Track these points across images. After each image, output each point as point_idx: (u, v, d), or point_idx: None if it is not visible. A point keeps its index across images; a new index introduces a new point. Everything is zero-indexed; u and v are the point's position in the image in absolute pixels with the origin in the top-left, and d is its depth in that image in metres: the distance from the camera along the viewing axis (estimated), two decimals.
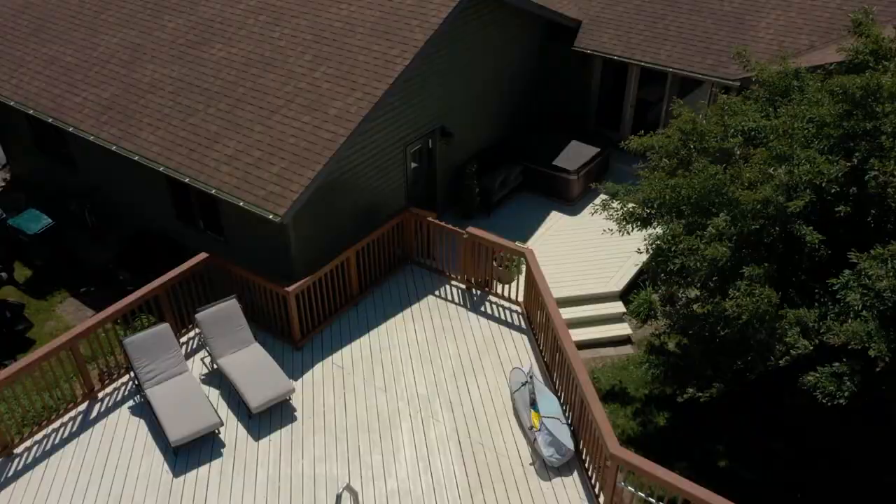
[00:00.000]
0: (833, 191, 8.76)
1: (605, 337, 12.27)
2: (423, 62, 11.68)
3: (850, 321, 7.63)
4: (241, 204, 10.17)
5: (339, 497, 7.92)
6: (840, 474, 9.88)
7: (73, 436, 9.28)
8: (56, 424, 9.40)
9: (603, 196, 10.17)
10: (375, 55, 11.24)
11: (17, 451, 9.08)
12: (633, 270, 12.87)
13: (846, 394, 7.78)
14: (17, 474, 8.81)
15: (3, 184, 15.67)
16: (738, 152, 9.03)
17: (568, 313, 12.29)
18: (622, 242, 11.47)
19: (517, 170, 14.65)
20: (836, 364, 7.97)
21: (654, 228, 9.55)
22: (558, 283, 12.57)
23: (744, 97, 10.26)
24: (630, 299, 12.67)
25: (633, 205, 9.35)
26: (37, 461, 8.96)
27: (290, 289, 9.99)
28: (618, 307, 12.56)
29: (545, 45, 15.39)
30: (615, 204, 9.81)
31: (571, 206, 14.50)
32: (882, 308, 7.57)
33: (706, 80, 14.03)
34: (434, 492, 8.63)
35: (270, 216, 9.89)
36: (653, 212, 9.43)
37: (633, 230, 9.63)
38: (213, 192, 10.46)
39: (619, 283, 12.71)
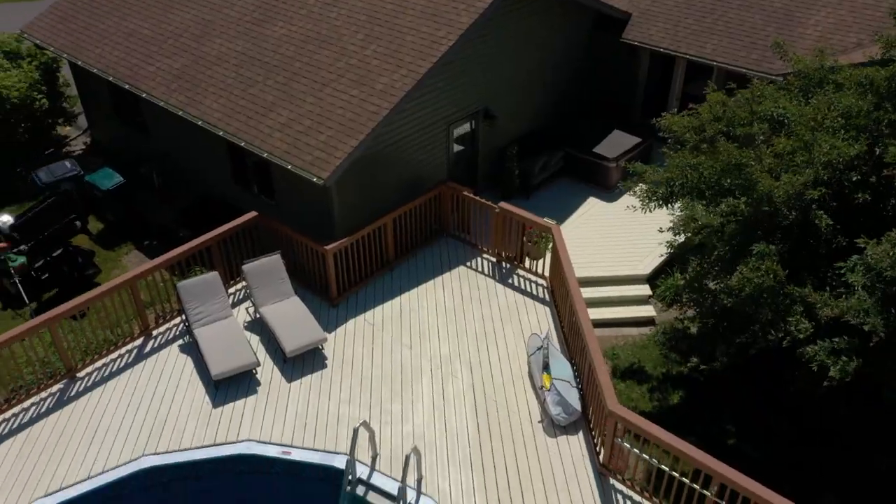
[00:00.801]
0: (854, 179, 9.01)
1: (629, 317, 12.66)
2: (468, 45, 12.32)
3: (846, 298, 7.90)
4: (289, 167, 11.04)
5: (355, 431, 8.66)
6: (838, 453, 10.11)
7: (128, 366, 10.33)
8: (114, 355, 10.47)
9: (642, 186, 10.59)
10: (423, 35, 11.95)
11: (80, 375, 10.18)
12: (663, 257, 13.18)
13: (839, 367, 8.04)
14: (78, 394, 9.90)
15: (84, 147, 17.07)
16: (762, 138, 9.33)
17: (596, 292, 12.79)
18: (654, 230, 11.83)
19: (558, 155, 15.13)
20: (836, 340, 8.24)
21: (675, 207, 9.95)
22: (589, 264, 13.07)
23: (777, 87, 10.52)
24: (657, 284, 12.99)
25: (646, 185, 9.74)
26: (95, 384, 10.03)
27: (328, 247, 10.80)
28: (644, 290, 12.93)
29: (593, 36, 15.81)
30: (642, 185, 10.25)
31: (609, 192, 14.88)
32: (882, 287, 7.81)
33: (750, 75, 14.19)
34: (446, 439, 9.29)
35: (315, 179, 10.72)
36: (674, 191, 9.82)
37: (654, 208, 10.05)
38: (265, 155, 11.36)
39: (647, 267, 13.06)
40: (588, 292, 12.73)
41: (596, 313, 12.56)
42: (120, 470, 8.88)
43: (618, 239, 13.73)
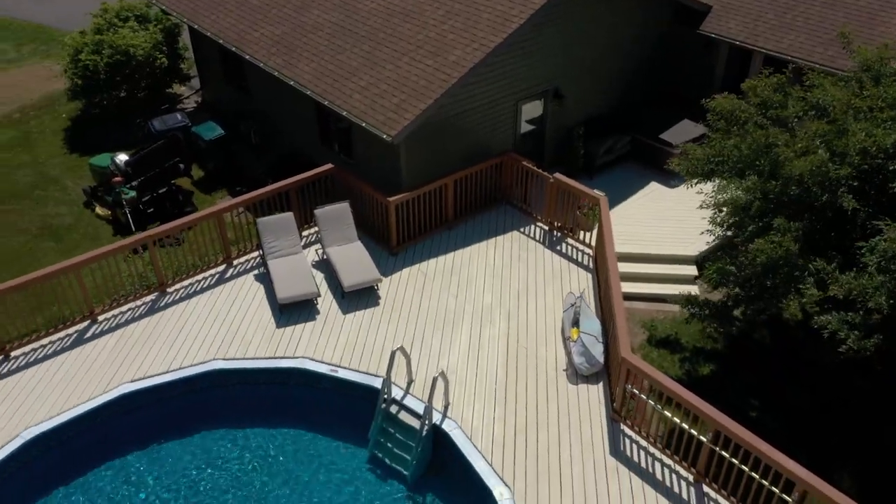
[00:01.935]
0: (892, 168, 9.28)
1: (674, 294, 13.12)
2: (541, 26, 13.13)
3: (854, 274, 8.29)
4: (363, 125, 12.22)
5: (393, 354, 9.73)
6: (852, 426, 10.38)
7: (210, 287, 11.82)
8: (199, 277, 11.99)
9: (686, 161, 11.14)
10: (497, 13, 12.85)
11: (169, 290, 11.74)
12: (713, 242, 13.55)
13: (854, 340, 8.42)
14: (166, 305, 11.46)
15: (195, 105, 18.99)
16: (795, 120, 9.72)
17: (643, 268, 13.37)
18: (708, 216, 12.31)
19: (625, 139, 15.68)
20: (851, 314, 8.62)
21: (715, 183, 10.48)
22: (640, 240, 13.66)
23: (837, 78, 10.80)
24: (706, 266, 13.39)
25: (687, 162, 10.32)
26: (181, 298, 11.57)
27: (391, 199, 11.93)
28: (691, 270, 13.37)
29: (671, 27, 16.21)
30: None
31: (671, 178, 15.30)
32: (893, 268, 8.14)
33: (824, 71, 14.26)
34: (476, 375, 10.22)
35: (384, 136, 11.84)
36: (714, 168, 10.36)
37: (695, 183, 10.62)
38: (344, 113, 12.60)
39: (696, 249, 13.47)
40: (636, 267, 13.40)
41: (641, 287, 13.22)
42: (193, 368, 10.32)
43: (672, 221, 14.18)
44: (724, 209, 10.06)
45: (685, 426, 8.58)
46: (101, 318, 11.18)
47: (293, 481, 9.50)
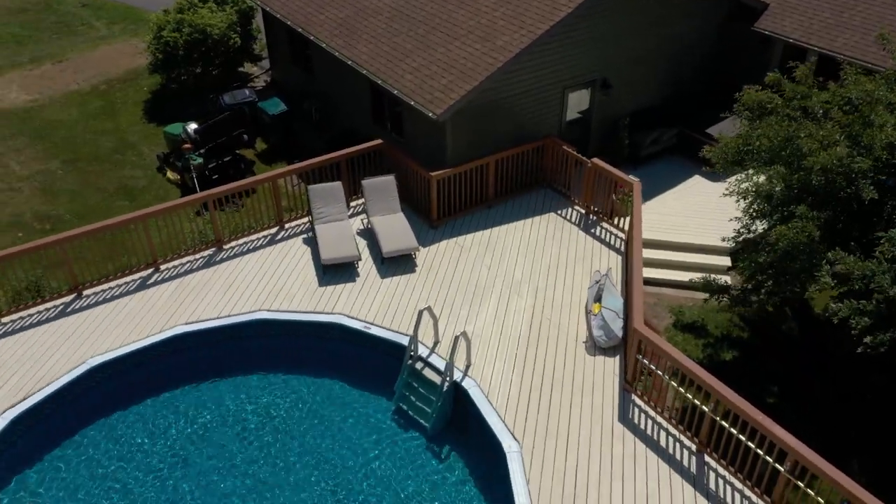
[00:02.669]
0: None
1: (695, 281, 13.35)
2: (590, 16, 13.55)
3: (858, 257, 8.53)
4: (412, 103, 12.94)
5: (420, 313, 10.42)
6: (868, 419, 10.49)
7: (261, 246, 12.77)
8: (253, 237, 12.97)
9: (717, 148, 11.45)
10: (546, 1, 13.36)
11: (225, 246, 12.75)
12: (741, 230, 13.71)
13: (860, 326, 8.64)
14: (221, 260, 12.47)
15: (264, 84, 20.15)
16: (820, 112, 9.92)
17: (678, 256, 13.68)
18: None
19: (672, 133, 15.93)
20: (863, 302, 8.83)
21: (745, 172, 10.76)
22: (677, 230, 13.99)
23: (877, 76, 10.90)
24: (740, 258, 13.58)
25: (719, 150, 10.64)
26: (235, 255, 12.56)
27: (433, 174, 12.62)
28: (725, 261, 13.57)
29: (727, 22, 16.33)
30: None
31: (715, 173, 15.44)
32: None
33: (874, 71, 14.20)
34: (499, 340, 10.81)
35: (430, 114, 12.53)
36: (743, 157, 10.65)
37: (724, 170, 10.94)
38: (395, 92, 13.35)
39: (731, 240, 13.64)
40: (670, 255, 13.74)
41: (673, 275, 13.52)
42: (241, 317, 11.26)
43: (711, 213, 14.38)
44: (748, 197, 10.33)
45: (688, 395, 8.96)
46: (163, 267, 12.27)
47: (323, 424, 10.31)
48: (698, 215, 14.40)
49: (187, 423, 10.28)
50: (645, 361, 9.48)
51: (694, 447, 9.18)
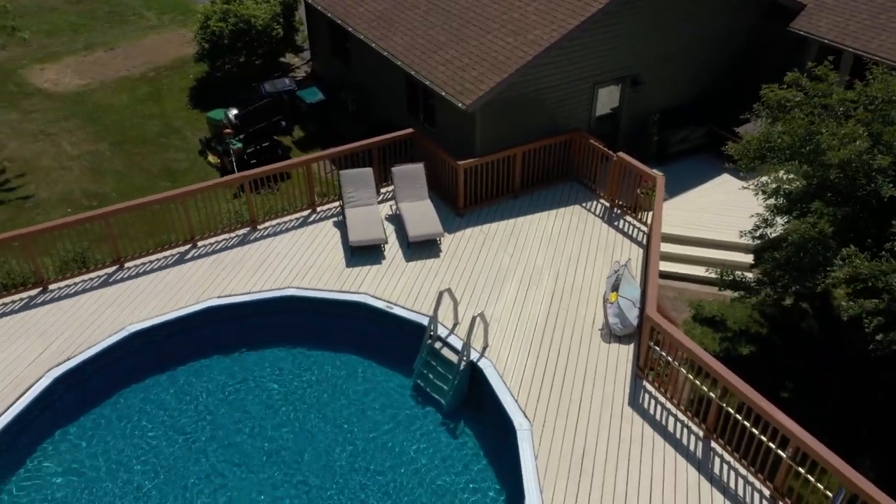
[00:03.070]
0: None
1: (711, 276, 13.46)
2: (621, 12, 13.75)
3: (867, 256, 8.64)
4: (442, 94, 13.32)
5: (440, 294, 10.80)
6: (880, 417, 10.55)
7: (293, 227, 13.30)
8: (286, 218, 13.50)
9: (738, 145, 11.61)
10: None
11: (261, 227, 13.31)
12: (774, 235, 13.79)
13: (873, 325, 8.76)
14: (255, 239, 13.02)
15: (304, 75, 20.75)
16: (841, 110, 10.02)
17: (701, 252, 13.80)
18: None
19: (701, 131, 16.02)
20: (875, 300, 8.93)
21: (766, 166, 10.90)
22: (701, 226, 14.13)
23: None
24: (763, 256, 13.65)
25: (741, 147, 10.80)
26: (268, 235, 13.11)
27: (461, 162, 12.99)
28: (747, 258, 13.63)
29: (761, 22, 16.33)
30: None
31: (744, 172, 15.50)
32: None
33: None
34: (517, 324, 11.14)
35: (460, 105, 12.90)
36: (765, 153, 10.79)
37: (745, 165, 11.08)
38: (427, 83, 13.75)
39: (755, 238, 13.72)
40: (692, 250, 13.88)
41: (696, 271, 13.65)
42: (271, 293, 11.79)
43: (737, 211, 14.40)
44: (767, 191, 10.47)
45: (696, 382, 9.17)
46: (200, 244, 12.88)
47: (344, 396, 10.77)
48: (723, 212, 14.48)
49: (216, 389, 10.84)
50: (656, 348, 9.71)
51: (701, 433, 9.39)
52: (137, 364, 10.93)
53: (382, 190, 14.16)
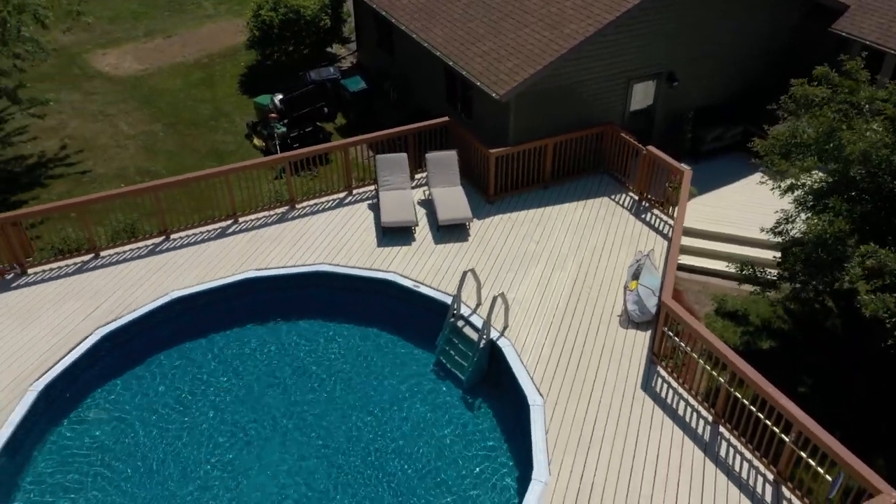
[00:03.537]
0: None
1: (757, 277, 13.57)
2: (656, 9, 13.95)
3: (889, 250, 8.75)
4: (478, 84, 13.73)
5: (464, 274, 11.23)
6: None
7: (330, 208, 13.88)
8: (323, 199, 14.10)
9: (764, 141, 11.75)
10: None
11: (299, 206, 13.93)
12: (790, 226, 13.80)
13: (894, 320, 8.86)
14: (293, 217, 13.65)
15: (350, 65, 21.39)
16: (867, 107, 10.09)
17: (728, 248, 13.93)
18: None
19: (736, 130, 16.07)
20: (894, 295, 9.03)
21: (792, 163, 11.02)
22: (729, 222, 14.25)
23: None
24: (789, 253, 13.70)
25: (767, 142, 10.95)
26: (305, 214, 13.73)
27: (492, 151, 13.39)
28: (774, 255, 13.69)
29: (802, 22, 16.29)
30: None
31: (769, 169, 15.51)
32: None
33: None
34: (538, 305, 11.50)
35: (494, 94, 13.29)
36: (790, 149, 10.92)
37: (770, 162, 11.22)
38: (463, 73, 14.17)
39: (784, 236, 13.78)
40: (719, 246, 14.02)
41: (721, 266, 13.78)
42: (305, 267, 12.38)
43: (768, 209, 14.46)
44: (790, 182, 10.61)
45: (707, 366, 9.41)
46: (241, 219, 13.56)
47: (369, 368, 11.29)
48: (753, 210, 14.54)
49: (248, 355, 11.47)
50: (670, 333, 9.96)
51: (710, 418, 9.62)
52: (177, 328, 11.63)
53: (417, 176, 14.65)
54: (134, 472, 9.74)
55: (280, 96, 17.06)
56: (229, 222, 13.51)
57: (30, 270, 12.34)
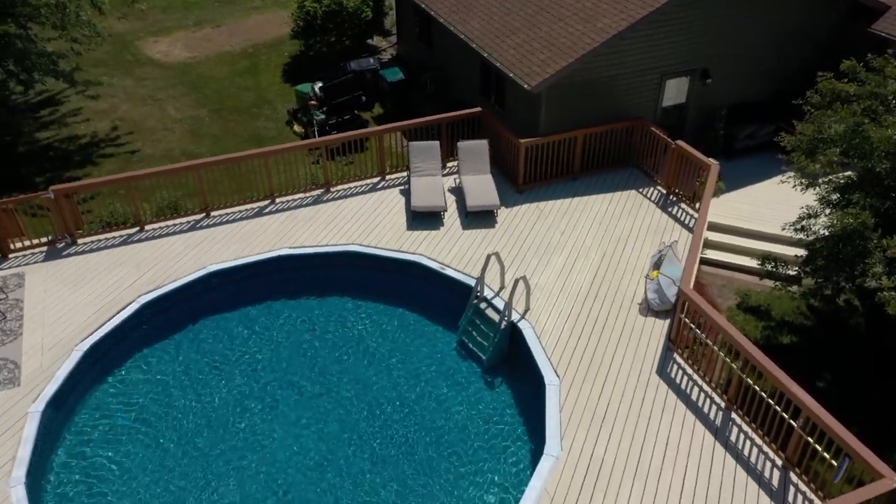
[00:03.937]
0: None
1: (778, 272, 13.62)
2: (690, 5, 14.07)
3: None
4: (510, 75, 14.05)
5: (488, 257, 11.58)
6: None
7: (363, 192, 14.37)
8: (357, 183, 14.60)
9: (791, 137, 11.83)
10: None
11: (333, 189, 14.45)
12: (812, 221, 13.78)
13: None
14: (327, 200, 14.17)
15: (390, 57, 21.88)
16: (894, 102, 10.14)
17: (754, 244, 13.99)
18: None
19: (769, 128, 16.06)
20: None
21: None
22: (757, 219, 14.32)
23: None
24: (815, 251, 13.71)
25: (794, 138, 11.06)
26: (339, 197, 14.23)
27: (522, 141, 13.70)
28: (799, 251, 13.73)
29: (841, 22, 16.20)
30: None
31: (796, 166, 15.47)
32: None
33: None
34: (560, 292, 11.79)
35: (525, 86, 13.60)
36: (816, 145, 11.00)
37: (796, 158, 11.32)
38: (497, 64, 14.51)
39: (810, 234, 13.79)
40: (745, 242, 14.09)
41: (746, 261, 13.86)
42: (336, 247, 12.88)
43: (797, 208, 14.51)
44: (804, 180, 10.71)
45: (721, 353, 9.60)
46: (278, 200, 14.13)
47: (394, 345, 11.72)
48: (783, 208, 14.50)
49: (279, 328, 12.01)
50: (687, 320, 10.17)
51: (723, 404, 9.80)
52: (213, 299, 12.23)
53: (448, 165, 15.04)
54: (168, 429, 10.34)
55: (320, 84, 17.61)
56: (266, 202, 14.08)
57: (79, 241, 13.08)
